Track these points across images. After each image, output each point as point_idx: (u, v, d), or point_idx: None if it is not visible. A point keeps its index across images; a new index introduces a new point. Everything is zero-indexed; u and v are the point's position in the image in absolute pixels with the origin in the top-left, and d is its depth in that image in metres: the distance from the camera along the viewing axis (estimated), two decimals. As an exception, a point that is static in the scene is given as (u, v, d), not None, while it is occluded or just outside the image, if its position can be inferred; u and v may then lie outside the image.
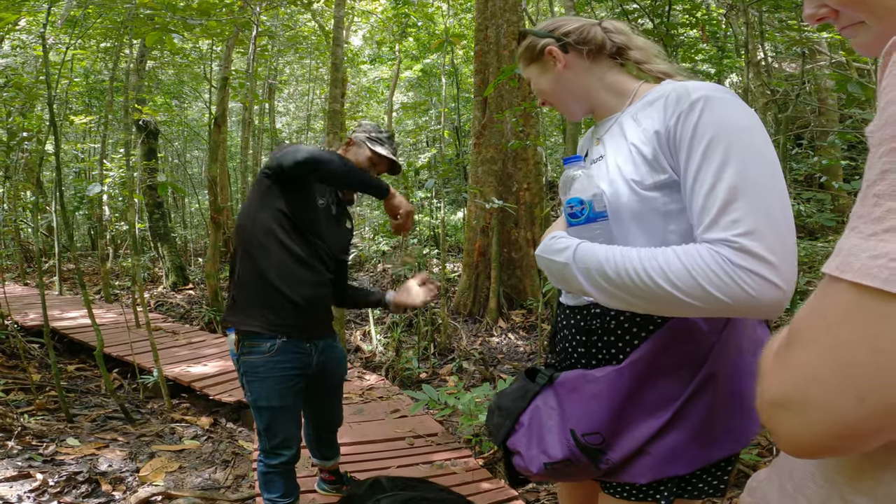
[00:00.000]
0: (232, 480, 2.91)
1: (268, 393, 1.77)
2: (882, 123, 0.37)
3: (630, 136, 0.92)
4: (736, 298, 0.73)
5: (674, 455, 0.92)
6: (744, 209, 0.75)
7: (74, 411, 3.67)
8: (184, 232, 12.43)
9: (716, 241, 0.76)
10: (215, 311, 6.00)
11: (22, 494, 2.62)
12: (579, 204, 0.92)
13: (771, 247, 0.73)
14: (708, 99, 0.82)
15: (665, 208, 0.88)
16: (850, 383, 0.36)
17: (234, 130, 13.59)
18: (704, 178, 0.79)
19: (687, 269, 0.76)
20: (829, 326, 0.39)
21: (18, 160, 7.89)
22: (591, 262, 0.85)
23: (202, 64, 9.94)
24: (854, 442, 0.39)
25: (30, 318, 5.26)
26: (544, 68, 1.06)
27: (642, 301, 0.81)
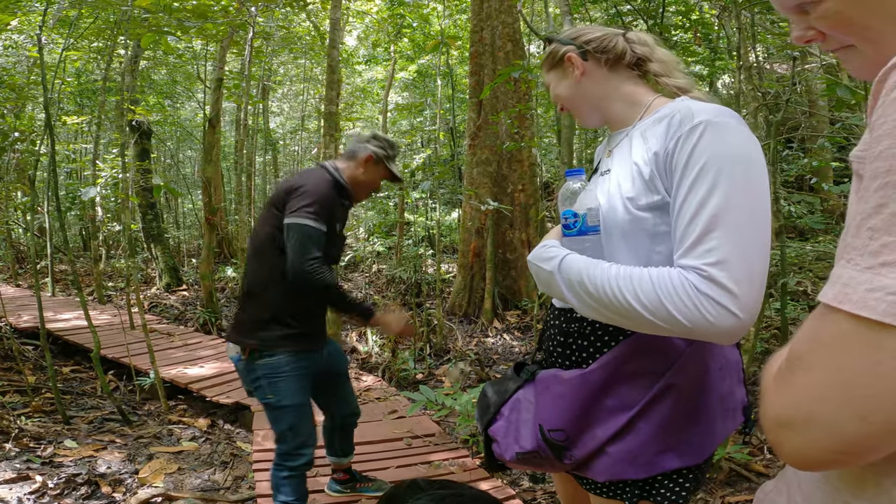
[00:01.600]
0: (231, 481, 2.92)
1: (293, 390, 1.85)
2: (875, 156, 0.39)
3: (635, 153, 0.94)
4: (695, 323, 0.77)
5: (629, 458, 0.96)
6: (719, 240, 0.77)
7: (71, 413, 3.67)
8: (177, 233, 12.36)
9: (688, 267, 0.79)
10: (210, 313, 5.99)
11: (22, 497, 2.62)
12: (573, 216, 0.96)
13: (737, 279, 0.76)
14: (709, 124, 0.83)
15: (654, 229, 0.90)
16: (852, 404, 0.38)
17: (228, 130, 13.53)
18: (690, 204, 0.81)
19: (656, 290, 0.80)
20: (829, 352, 0.41)
21: (10, 161, 7.83)
22: (573, 274, 0.89)
23: (195, 64, 9.89)
24: (856, 458, 0.41)
25: (23, 320, 5.23)
26: (563, 74, 1.07)
27: (614, 315, 0.86)
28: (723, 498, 2.59)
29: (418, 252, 7.62)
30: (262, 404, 1.90)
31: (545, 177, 9.50)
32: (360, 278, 8.76)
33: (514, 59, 6.21)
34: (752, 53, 4.89)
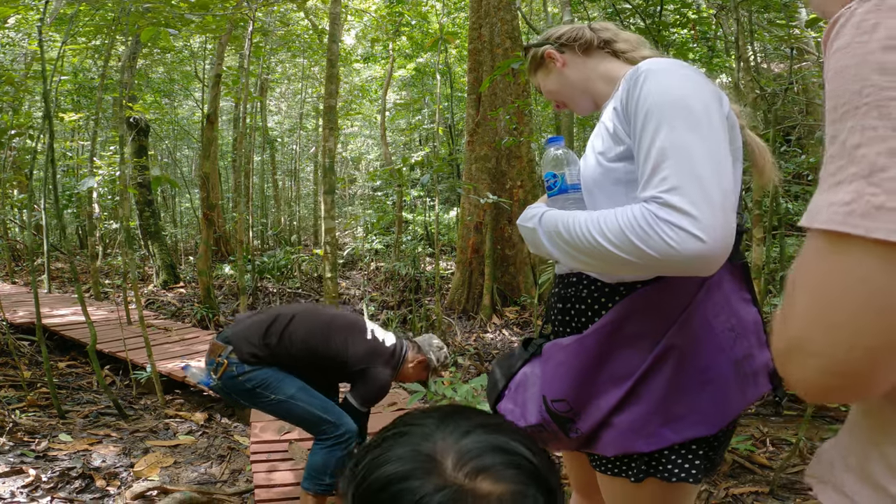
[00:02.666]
0: (228, 475, 2.90)
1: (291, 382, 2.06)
2: (826, 100, 0.43)
3: (604, 116, 1.01)
4: (660, 251, 0.77)
5: (634, 429, 0.93)
6: (670, 168, 0.80)
7: (66, 408, 3.64)
8: (174, 230, 12.33)
9: (647, 198, 0.81)
10: (208, 309, 5.96)
11: (15, 490, 2.59)
12: (552, 177, 1.02)
13: (693, 201, 0.77)
14: (649, 72, 0.88)
15: (626, 177, 0.93)
16: (836, 322, 0.40)
17: (225, 129, 13.51)
18: (643, 143, 0.85)
19: (619, 224, 0.81)
20: (810, 271, 0.43)
21: (6, 158, 7.78)
22: (551, 226, 0.93)
23: (193, 63, 9.88)
24: (854, 381, 0.42)
25: (19, 316, 5.20)
26: (548, 71, 1.16)
27: (588, 258, 0.87)
28: (727, 490, 2.57)
29: (416, 250, 7.61)
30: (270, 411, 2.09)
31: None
32: (359, 276, 8.74)
33: (512, 56, 6.21)
34: (750, 50, 4.89)
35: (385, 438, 0.56)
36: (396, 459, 0.52)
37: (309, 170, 15.48)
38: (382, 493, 0.50)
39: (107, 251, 9.81)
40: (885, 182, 0.37)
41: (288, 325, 2.10)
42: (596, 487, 1.29)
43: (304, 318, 2.15)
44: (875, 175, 0.38)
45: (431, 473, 0.50)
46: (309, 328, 2.12)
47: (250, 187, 10.29)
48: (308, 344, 2.08)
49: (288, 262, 8.11)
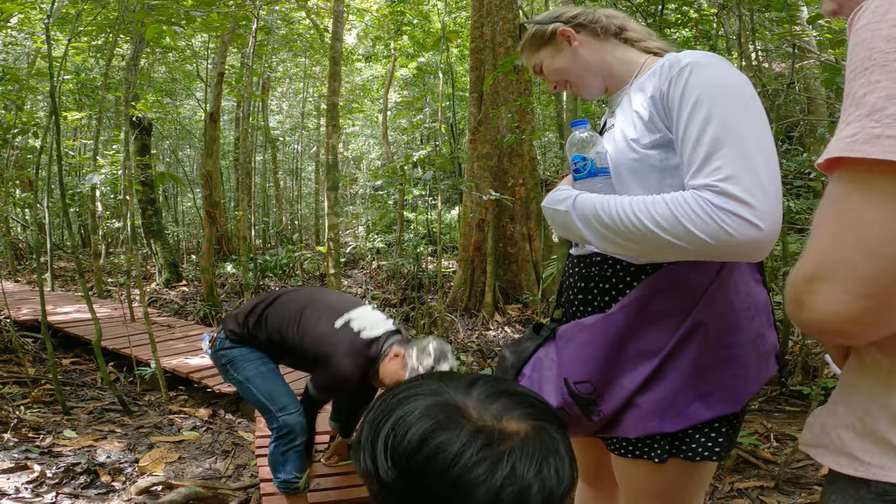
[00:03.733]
0: (233, 470, 2.90)
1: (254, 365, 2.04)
2: (846, 70, 0.51)
3: (634, 103, 1.01)
4: (716, 237, 0.80)
5: (660, 409, 0.93)
6: (725, 158, 0.82)
7: (71, 404, 3.64)
8: (176, 229, 12.34)
9: (700, 186, 0.83)
10: (210, 306, 5.97)
11: (20, 486, 2.60)
12: (582, 160, 1.01)
13: (749, 190, 0.79)
14: (696, 64, 0.90)
15: (661, 164, 0.95)
16: (858, 242, 0.46)
17: (227, 128, 13.52)
18: (691, 132, 0.86)
19: (672, 210, 0.83)
20: (827, 207, 0.50)
21: (9, 157, 7.79)
22: (588, 209, 0.92)
23: (195, 62, 9.89)
24: (877, 302, 0.46)
25: (23, 313, 5.21)
26: (558, 50, 1.12)
27: (631, 242, 0.88)
28: (731, 484, 2.57)
29: (418, 248, 7.61)
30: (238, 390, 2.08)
31: (544, 174, 9.50)
32: (361, 274, 8.75)
33: (514, 54, 6.22)
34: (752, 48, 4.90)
35: (394, 405, 0.54)
36: (422, 416, 0.51)
37: (310, 169, 15.50)
38: (419, 453, 0.50)
39: (109, 250, 9.83)
40: (884, 118, 0.45)
41: (268, 307, 2.04)
42: (602, 474, 1.30)
43: (286, 301, 2.08)
44: (875, 114, 0.45)
45: (460, 422, 0.51)
46: (283, 311, 2.03)
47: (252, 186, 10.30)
48: (278, 326, 2.00)
49: (290, 261, 8.12)
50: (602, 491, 1.34)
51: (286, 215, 13.93)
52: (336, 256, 4.46)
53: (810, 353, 3.65)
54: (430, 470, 0.49)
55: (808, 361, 3.60)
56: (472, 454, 0.48)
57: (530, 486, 0.49)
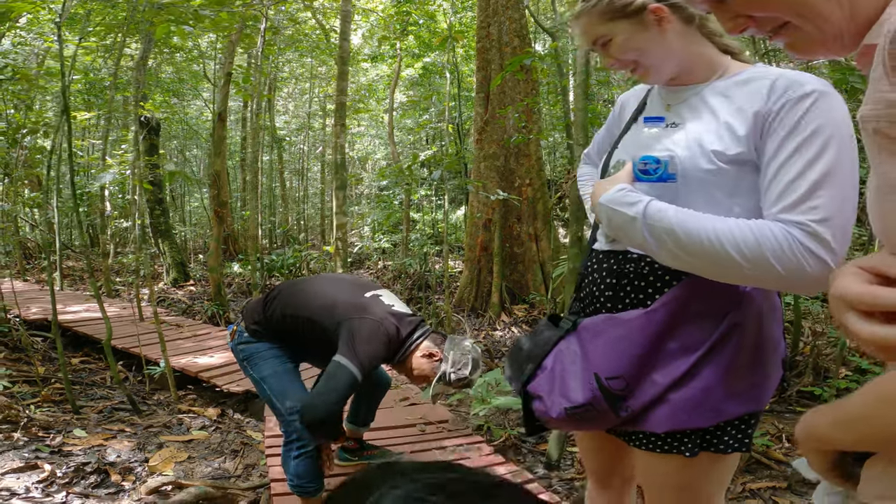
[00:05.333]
0: (242, 469, 2.91)
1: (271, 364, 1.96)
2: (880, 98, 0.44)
3: (720, 111, 0.95)
4: (792, 273, 0.81)
5: (693, 406, 0.94)
6: (824, 199, 0.81)
7: (80, 403, 3.66)
8: (183, 229, 12.39)
9: (790, 222, 0.83)
10: (218, 306, 5.99)
11: (30, 485, 2.60)
12: (655, 163, 0.96)
13: (836, 235, 0.81)
14: (822, 94, 0.86)
15: (735, 183, 0.92)
16: None
17: (233, 129, 13.57)
18: (795, 163, 0.84)
19: (758, 241, 0.83)
20: None
21: (18, 157, 7.83)
22: (662, 222, 0.89)
23: (201, 62, 9.93)
24: None
25: (32, 312, 5.24)
26: (641, 26, 1.00)
27: (700, 261, 0.88)
28: (744, 485, 2.56)
29: (424, 248, 7.61)
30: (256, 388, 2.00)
31: (550, 174, 9.48)
32: (367, 275, 8.75)
33: (521, 54, 6.20)
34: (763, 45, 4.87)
35: None
36: None
37: (316, 169, 15.53)
38: None
39: (117, 250, 9.88)
40: None
41: (278, 295, 1.97)
42: (615, 473, 1.28)
43: (309, 280, 2.03)
44: None
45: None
46: (309, 288, 1.95)
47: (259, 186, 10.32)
48: (304, 302, 1.90)
49: (296, 261, 8.14)
50: (614, 490, 1.33)
51: (292, 215, 13.97)
52: (344, 256, 4.46)
53: (821, 354, 3.62)
54: None
55: (818, 363, 3.58)
56: None
57: None
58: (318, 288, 1.93)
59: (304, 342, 1.94)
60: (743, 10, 0.57)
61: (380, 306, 1.83)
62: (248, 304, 2.09)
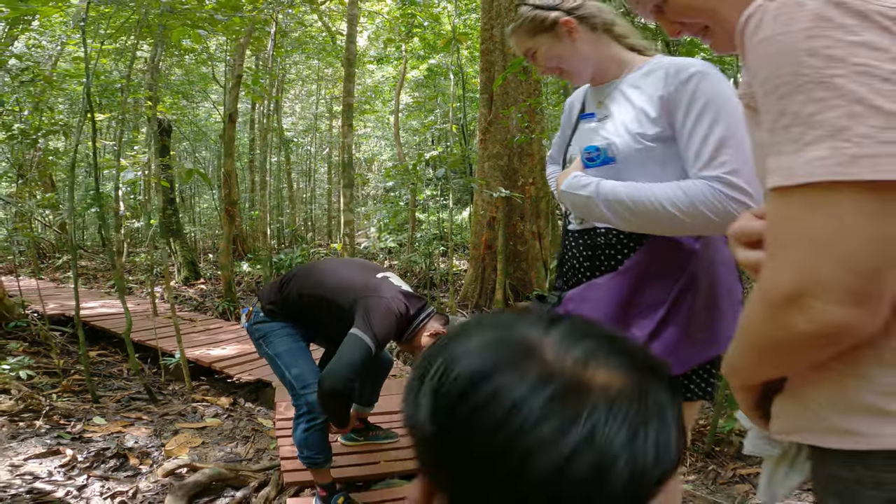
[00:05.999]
0: (253, 453, 3.03)
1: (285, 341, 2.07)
2: (761, 83, 0.52)
3: (635, 100, 1.14)
4: (722, 216, 0.99)
5: (668, 354, 1.09)
6: (730, 155, 1.01)
7: (99, 393, 3.80)
8: (193, 229, 12.58)
9: (710, 177, 1.02)
10: (229, 302, 6.13)
11: (52, 469, 2.70)
12: (595, 151, 1.14)
13: (749, 181, 1.00)
14: (702, 73, 1.07)
15: (662, 157, 1.11)
16: (838, 257, 0.47)
17: (241, 131, 13.75)
18: (699, 131, 1.04)
19: (690, 197, 1.02)
20: (796, 226, 0.49)
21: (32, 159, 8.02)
22: (611, 194, 1.08)
23: (210, 64, 10.10)
24: (868, 298, 0.48)
25: (50, 308, 5.40)
26: (557, 37, 1.20)
27: (649, 222, 1.06)
28: (734, 470, 2.65)
29: (431, 247, 7.73)
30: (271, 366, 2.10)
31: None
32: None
33: (524, 54, 6.30)
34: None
35: (452, 337, 0.42)
36: (479, 351, 0.39)
37: (323, 171, 15.69)
38: (468, 398, 0.37)
39: (129, 250, 10.07)
40: (853, 138, 0.45)
41: (293, 277, 2.09)
42: None
43: (321, 262, 2.15)
44: (842, 133, 0.46)
45: (529, 362, 0.38)
46: (321, 269, 2.07)
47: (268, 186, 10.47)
48: (303, 291, 2.02)
49: (304, 259, 8.28)
50: None
51: (300, 216, 14.13)
52: (351, 252, 4.59)
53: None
54: (477, 423, 0.36)
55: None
56: (538, 405, 0.35)
57: (615, 458, 0.35)
58: (331, 269, 2.06)
59: (317, 321, 2.07)
60: (676, 18, 0.73)
61: (390, 287, 1.98)
62: (264, 287, 2.22)
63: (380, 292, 1.92)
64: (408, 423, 0.42)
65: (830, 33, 0.47)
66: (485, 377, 0.37)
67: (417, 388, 0.41)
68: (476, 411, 0.37)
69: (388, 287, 1.97)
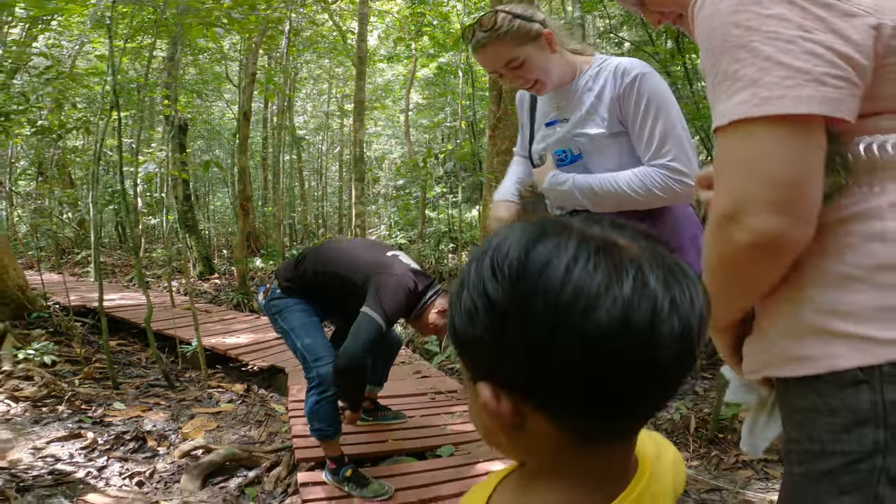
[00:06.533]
0: (266, 436, 3.13)
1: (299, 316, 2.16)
2: (703, 53, 0.64)
3: (588, 102, 1.32)
4: (669, 194, 1.27)
5: None
6: (670, 146, 1.25)
7: (119, 380, 3.93)
8: (207, 225, 12.79)
9: (658, 165, 1.27)
10: (243, 294, 6.27)
11: (74, 452, 2.81)
12: (563, 153, 1.37)
13: (686, 164, 1.25)
14: (642, 75, 1.26)
15: (619, 148, 1.32)
16: (764, 172, 0.58)
17: (253, 129, 13.94)
18: (645, 128, 1.27)
19: (643, 181, 1.27)
20: (730, 157, 0.60)
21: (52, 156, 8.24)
22: (584, 186, 1.33)
23: (224, 64, 10.27)
24: (798, 208, 0.56)
25: (71, 300, 5.56)
26: (540, 48, 1.30)
27: (614, 203, 1.30)
28: (737, 456, 2.69)
29: (440, 244, 7.81)
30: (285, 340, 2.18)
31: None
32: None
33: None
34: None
35: (490, 240, 0.43)
36: (522, 233, 0.41)
37: (334, 169, 15.85)
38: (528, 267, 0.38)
39: (145, 246, 10.27)
40: (765, 85, 0.57)
41: (308, 255, 2.19)
42: None
43: (334, 241, 2.26)
44: (756, 83, 0.58)
45: (565, 230, 0.40)
46: (333, 248, 2.17)
47: (281, 183, 10.62)
48: (317, 268, 2.12)
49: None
50: None
51: (311, 213, 14.30)
52: (361, 245, 4.67)
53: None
54: (543, 287, 0.37)
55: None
56: (587, 259, 0.37)
57: (663, 304, 0.37)
58: (344, 247, 2.19)
59: (331, 297, 2.17)
60: (655, 9, 0.87)
61: (400, 264, 2.09)
62: (280, 266, 2.31)
63: (391, 269, 2.02)
64: (457, 333, 0.42)
65: (750, 8, 0.59)
66: (533, 248, 0.39)
67: (473, 282, 0.41)
68: (538, 279, 0.38)
69: (399, 264, 2.08)
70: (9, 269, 5.14)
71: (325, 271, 2.12)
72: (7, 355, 3.99)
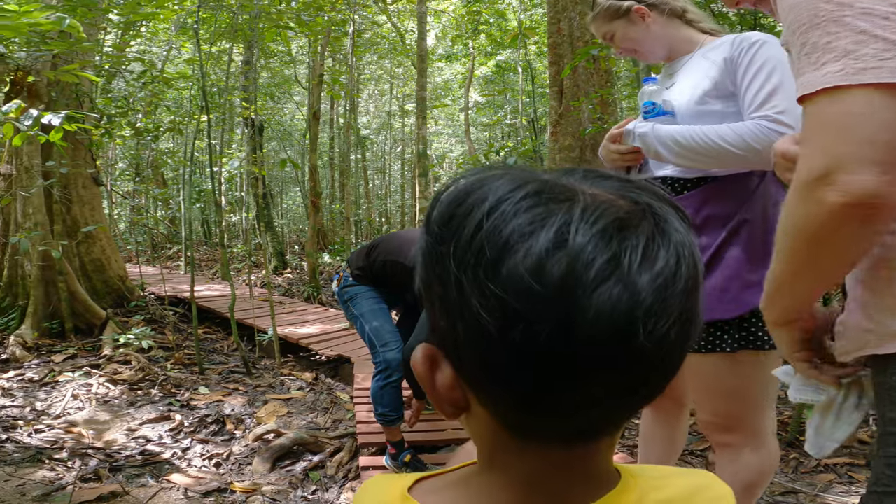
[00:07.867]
0: (331, 423, 3.32)
1: (370, 302, 2.27)
2: (787, 27, 0.65)
3: (702, 66, 1.30)
4: (766, 147, 1.10)
5: (717, 294, 1.17)
6: (779, 99, 1.16)
7: (205, 366, 4.29)
8: (281, 221, 13.50)
9: (758, 117, 1.17)
10: (313, 287, 6.63)
11: (163, 433, 3.11)
12: (651, 105, 1.32)
13: (795, 120, 1.11)
14: (763, 41, 1.23)
15: (723, 111, 1.25)
16: (858, 135, 0.56)
17: (321, 129, 14.52)
18: (757, 81, 1.20)
19: (735, 131, 1.17)
20: (821, 122, 0.60)
21: (148, 157, 9.05)
22: (664, 134, 1.26)
23: (293, 66, 10.78)
24: (889, 165, 0.54)
25: (165, 291, 6.13)
26: (631, 23, 1.37)
27: (698, 154, 1.21)
28: (819, 460, 2.56)
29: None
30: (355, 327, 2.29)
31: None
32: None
33: (592, 44, 6.21)
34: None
35: None
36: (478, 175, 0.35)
37: (396, 168, 16.22)
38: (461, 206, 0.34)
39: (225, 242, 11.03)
40: (860, 58, 0.57)
41: (379, 243, 2.26)
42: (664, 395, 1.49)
43: (392, 234, 2.31)
44: (850, 55, 0.57)
45: (521, 178, 0.34)
46: (391, 241, 2.23)
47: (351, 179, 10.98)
48: (387, 258, 2.18)
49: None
50: (667, 413, 1.51)
51: (375, 211, 14.73)
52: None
53: None
54: (465, 228, 0.32)
55: None
56: (514, 201, 0.32)
57: (590, 263, 0.30)
58: (412, 238, 2.23)
59: (396, 286, 2.24)
60: None
61: None
62: (353, 254, 2.40)
63: None
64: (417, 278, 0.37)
65: None
66: (474, 189, 0.34)
67: (426, 223, 0.36)
68: (464, 220, 0.32)
69: None
70: (111, 261, 5.75)
71: (395, 261, 2.18)
72: (108, 340, 4.48)
